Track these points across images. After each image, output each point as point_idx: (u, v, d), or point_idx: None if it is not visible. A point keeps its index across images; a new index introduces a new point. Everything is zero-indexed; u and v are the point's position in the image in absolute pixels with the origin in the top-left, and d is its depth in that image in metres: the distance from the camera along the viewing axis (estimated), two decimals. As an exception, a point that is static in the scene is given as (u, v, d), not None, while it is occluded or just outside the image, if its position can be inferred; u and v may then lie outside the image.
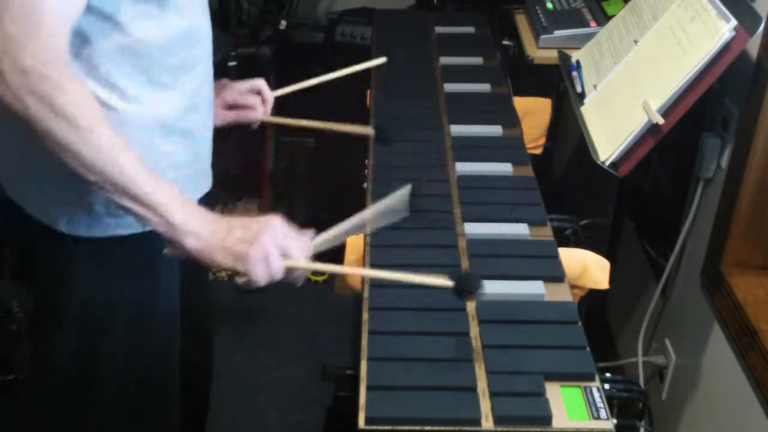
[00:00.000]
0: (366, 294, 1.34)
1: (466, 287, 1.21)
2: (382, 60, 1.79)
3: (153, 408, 1.51)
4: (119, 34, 1.21)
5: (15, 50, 1.04)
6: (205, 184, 1.48)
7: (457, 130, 1.82)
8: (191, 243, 1.16)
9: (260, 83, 1.60)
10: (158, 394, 1.51)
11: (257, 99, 1.60)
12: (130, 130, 1.23)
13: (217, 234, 1.17)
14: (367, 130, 1.67)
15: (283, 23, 2.94)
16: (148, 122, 1.29)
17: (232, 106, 1.59)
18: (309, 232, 1.23)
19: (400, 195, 1.26)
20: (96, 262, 1.35)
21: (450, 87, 2.02)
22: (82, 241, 1.33)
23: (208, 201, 1.42)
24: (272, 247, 1.17)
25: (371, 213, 1.29)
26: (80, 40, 1.18)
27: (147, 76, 1.26)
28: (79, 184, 1.16)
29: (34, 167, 1.30)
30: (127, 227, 1.33)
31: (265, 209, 2.91)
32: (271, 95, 1.62)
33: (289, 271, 1.20)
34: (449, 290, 1.20)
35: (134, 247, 1.35)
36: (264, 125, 1.65)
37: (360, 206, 1.39)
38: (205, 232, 1.16)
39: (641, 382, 2.03)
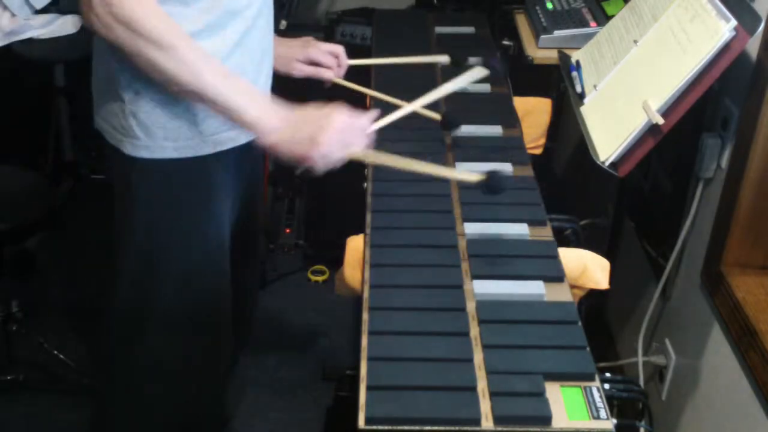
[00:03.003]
0: (366, 294, 1.34)
1: (494, 185, 1.36)
2: (445, 58, 1.99)
3: (207, 323, 1.62)
4: None
5: None
6: None
7: (457, 130, 1.82)
8: (265, 138, 1.33)
9: (340, 49, 1.81)
10: (212, 310, 1.62)
11: (335, 61, 1.79)
12: None
13: (288, 130, 1.32)
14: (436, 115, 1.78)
15: (283, 23, 2.93)
16: None
17: (313, 63, 1.76)
18: (370, 115, 1.39)
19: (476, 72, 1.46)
20: (154, 183, 1.47)
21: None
22: (140, 162, 1.44)
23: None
24: (335, 145, 1.32)
25: (445, 89, 1.48)
26: None
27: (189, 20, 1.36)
28: (139, 107, 1.36)
29: (111, 93, 1.43)
30: (183, 150, 1.44)
31: (264, 209, 2.90)
32: (346, 62, 1.81)
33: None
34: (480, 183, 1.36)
35: (190, 170, 1.47)
36: (334, 85, 1.82)
37: (360, 206, 1.39)
38: (277, 128, 1.32)
39: (641, 382, 2.03)
